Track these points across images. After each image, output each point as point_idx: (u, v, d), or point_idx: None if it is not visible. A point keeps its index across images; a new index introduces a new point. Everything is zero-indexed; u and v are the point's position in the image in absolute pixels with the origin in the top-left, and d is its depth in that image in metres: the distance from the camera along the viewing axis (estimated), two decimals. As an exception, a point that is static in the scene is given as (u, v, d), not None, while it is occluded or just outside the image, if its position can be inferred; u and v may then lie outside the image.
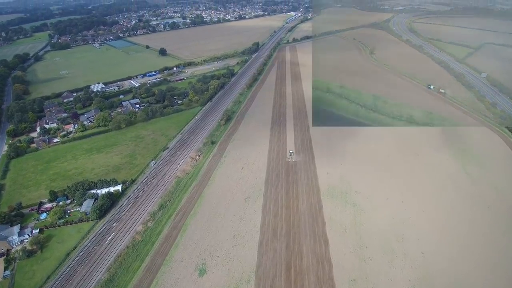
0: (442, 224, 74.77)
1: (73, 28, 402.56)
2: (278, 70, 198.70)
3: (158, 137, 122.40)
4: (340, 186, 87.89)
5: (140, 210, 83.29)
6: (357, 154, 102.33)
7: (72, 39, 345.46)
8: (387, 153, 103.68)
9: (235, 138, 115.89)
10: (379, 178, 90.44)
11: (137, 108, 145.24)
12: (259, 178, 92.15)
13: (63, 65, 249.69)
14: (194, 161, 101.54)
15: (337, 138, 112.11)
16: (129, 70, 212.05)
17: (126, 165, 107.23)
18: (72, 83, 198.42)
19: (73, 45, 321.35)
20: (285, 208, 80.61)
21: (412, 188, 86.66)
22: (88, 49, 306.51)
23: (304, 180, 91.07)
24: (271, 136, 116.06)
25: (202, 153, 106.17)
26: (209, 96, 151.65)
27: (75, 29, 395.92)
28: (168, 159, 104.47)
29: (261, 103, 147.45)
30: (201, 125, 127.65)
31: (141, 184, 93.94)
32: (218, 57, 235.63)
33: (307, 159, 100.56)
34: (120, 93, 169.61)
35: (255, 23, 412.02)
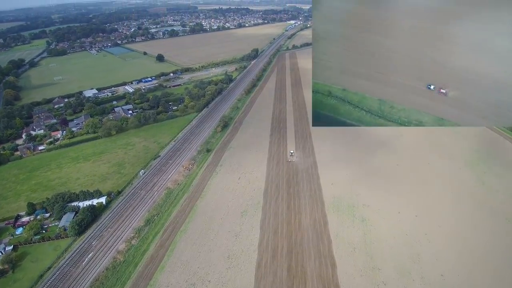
0: (461, 241, 66.35)
1: (72, 35, 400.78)
2: (278, 76, 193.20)
3: (150, 144, 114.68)
4: (347, 198, 79.68)
5: (124, 226, 74.69)
6: (364, 163, 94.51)
7: (70, 46, 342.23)
8: (396, 161, 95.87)
9: (232, 145, 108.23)
10: (388, 189, 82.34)
11: (129, 114, 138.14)
12: (258, 189, 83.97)
13: (58, 71, 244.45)
14: (186, 170, 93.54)
15: (341, 146, 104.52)
16: (125, 76, 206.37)
17: (114, 174, 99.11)
18: (65, 89, 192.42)
19: (70, 52, 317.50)
20: (286, 224, 72.16)
21: (425, 201, 78.47)
22: (85, 55, 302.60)
23: (307, 191, 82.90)
24: (271, 143, 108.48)
25: (196, 161, 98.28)
26: (206, 102, 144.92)
27: (74, 36, 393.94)
28: (158, 168, 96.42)
29: (260, 109, 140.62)
30: (196, 131, 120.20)
31: (128, 196, 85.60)
32: (216, 63, 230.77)
33: (310, 168, 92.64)
34: (114, 99, 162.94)
35: (255, 30, 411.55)
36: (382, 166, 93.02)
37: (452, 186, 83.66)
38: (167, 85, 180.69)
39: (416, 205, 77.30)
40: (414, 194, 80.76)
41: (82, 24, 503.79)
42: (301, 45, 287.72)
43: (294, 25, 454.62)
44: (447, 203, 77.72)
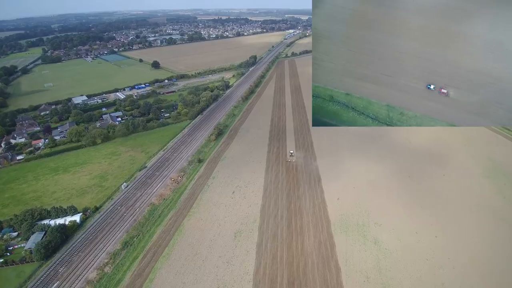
0: (488, 267, 56.25)
1: (69, 43, 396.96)
2: (277, 83, 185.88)
3: (137, 154, 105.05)
4: (356, 215, 69.68)
5: (98, 249, 64.18)
6: (372, 174, 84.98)
7: (65, 53, 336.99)
8: (407, 172, 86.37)
9: (227, 155, 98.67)
10: (402, 205, 72.53)
11: (117, 122, 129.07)
12: (254, 206, 73.95)
13: (50, 78, 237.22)
14: (174, 183, 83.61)
15: (346, 155, 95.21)
16: (118, 83, 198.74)
17: (94, 188, 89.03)
18: (54, 96, 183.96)
19: (65, 59, 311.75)
20: (286, 248, 61.88)
21: (444, 218, 68.57)
22: (79, 62, 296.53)
23: (310, 207, 72.92)
24: (269, 153, 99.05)
25: (185, 173, 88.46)
26: (200, 109, 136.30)
27: (70, 44, 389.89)
28: (143, 181, 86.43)
29: (258, 116, 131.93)
30: (188, 140, 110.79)
31: (106, 213, 75.32)
32: (213, 70, 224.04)
33: (313, 181, 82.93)
34: (103, 106, 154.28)
35: (253, 39, 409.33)
36: (392, 178, 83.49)
37: (471, 200, 74.06)
38: (160, 92, 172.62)
39: (434, 223, 67.45)
40: (431, 210, 70.98)
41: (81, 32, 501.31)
42: (300, 52, 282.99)
43: (293, 34, 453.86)
44: (467, 220, 67.92)
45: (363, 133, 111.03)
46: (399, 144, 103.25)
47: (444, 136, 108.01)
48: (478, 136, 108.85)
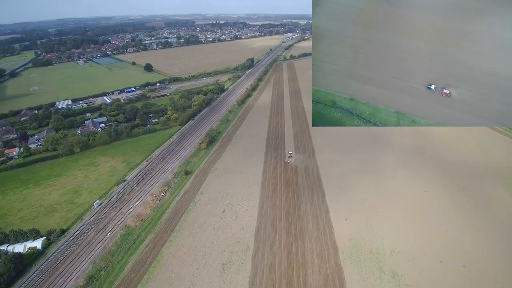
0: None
1: (62, 46, 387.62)
2: (275, 86, 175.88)
3: (117, 164, 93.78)
4: (368, 240, 58.57)
5: (57, 285, 52.57)
6: (384, 189, 74.14)
7: (58, 57, 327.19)
8: (423, 187, 75.53)
9: (218, 166, 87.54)
10: (420, 226, 61.56)
11: (100, 128, 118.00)
12: (247, 228, 62.70)
13: (38, 81, 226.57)
14: (156, 200, 72.30)
15: (353, 167, 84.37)
16: (107, 86, 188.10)
17: (65, 205, 77.54)
18: (39, 100, 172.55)
19: (56, 62, 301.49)
20: (285, 283, 50.56)
21: (470, 242, 57.64)
22: (71, 66, 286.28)
23: (314, 230, 61.73)
24: (266, 163, 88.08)
25: (170, 188, 77.19)
26: (191, 114, 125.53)
27: (64, 47, 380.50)
28: (120, 197, 74.97)
29: (254, 122, 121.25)
30: (176, 149, 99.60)
31: (72, 237, 63.78)
32: (208, 73, 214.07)
33: (316, 197, 71.88)
34: (88, 110, 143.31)
35: (251, 42, 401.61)
36: (407, 192, 72.63)
37: (497, 218, 63.29)
38: (150, 96, 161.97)
39: (460, 248, 56.53)
40: (455, 233, 60.05)
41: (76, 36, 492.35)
42: (299, 55, 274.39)
43: (291, 37, 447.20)
44: (497, 244, 57.08)
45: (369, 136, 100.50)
46: (410, 150, 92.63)
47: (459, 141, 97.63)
48: (495, 141, 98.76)
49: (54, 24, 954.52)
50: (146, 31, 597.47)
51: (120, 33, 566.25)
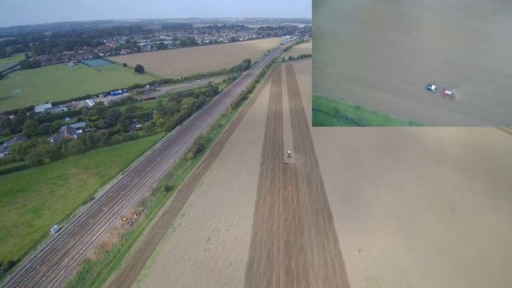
0: None
1: (54, 48, 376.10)
2: (273, 88, 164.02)
3: (89, 178, 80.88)
4: (390, 280, 45.86)
5: None
6: (401, 208, 61.69)
7: (48, 59, 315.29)
8: (449, 205, 63.13)
9: (205, 180, 74.81)
10: (454, 258, 49.01)
11: (77, 134, 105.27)
12: (237, 264, 49.90)
13: (23, 84, 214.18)
14: (127, 225, 59.41)
15: (365, 182, 71.92)
16: (93, 89, 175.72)
17: (22, 228, 64.50)
18: (19, 103, 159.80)
19: (45, 64, 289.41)
20: None
21: (508, 277, 45.33)
22: (60, 68, 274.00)
23: (320, 267, 48.97)
24: (262, 177, 75.48)
25: (145, 208, 64.35)
26: (180, 118, 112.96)
27: (56, 49, 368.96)
28: (84, 221, 61.94)
29: (250, 128, 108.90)
30: (158, 159, 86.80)
31: (20, 274, 50.71)
32: (203, 74, 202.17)
33: (321, 220, 59.28)
34: (67, 115, 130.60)
35: (249, 44, 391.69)
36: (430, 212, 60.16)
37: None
38: (138, 98, 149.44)
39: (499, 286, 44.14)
40: (489, 266, 47.56)
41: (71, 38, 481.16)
42: (298, 57, 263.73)
43: (289, 39, 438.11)
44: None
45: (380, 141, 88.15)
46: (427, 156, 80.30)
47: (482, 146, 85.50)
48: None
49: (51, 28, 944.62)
50: (143, 33, 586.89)
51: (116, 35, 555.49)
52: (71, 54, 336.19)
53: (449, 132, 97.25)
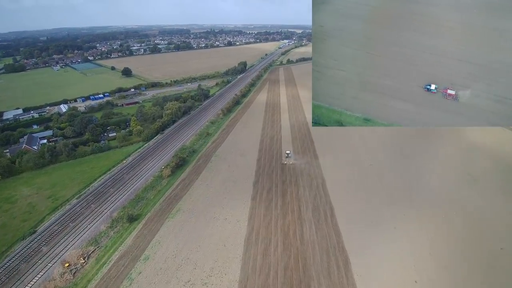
0: None
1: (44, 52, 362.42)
2: (269, 92, 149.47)
3: (40, 201, 64.58)
4: None
5: None
6: (437, 242, 46.09)
7: (35, 63, 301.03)
8: (498, 242, 47.51)
9: (182, 207, 58.81)
10: None
11: (37, 146, 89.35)
12: None
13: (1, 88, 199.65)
14: (69, 273, 43.16)
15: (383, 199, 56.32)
16: (74, 93, 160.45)
17: None
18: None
19: (30, 68, 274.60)
20: None
21: None
22: (44, 71, 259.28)
23: None
24: (255, 201, 59.68)
25: (98, 248, 48.23)
26: (160, 126, 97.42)
27: (45, 53, 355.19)
28: (14, 267, 45.67)
29: (242, 137, 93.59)
30: (127, 177, 70.74)
31: None
32: (194, 78, 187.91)
33: (336, 270, 43.43)
34: (36, 122, 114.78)
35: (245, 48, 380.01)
36: (472, 248, 44.59)
37: None
38: (119, 103, 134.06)
39: None
40: None
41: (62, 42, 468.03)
42: (296, 60, 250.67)
43: (287, 43, 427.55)
44: None
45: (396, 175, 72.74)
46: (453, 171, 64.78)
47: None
48: None
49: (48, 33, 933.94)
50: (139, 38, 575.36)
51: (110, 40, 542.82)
52: (59, 58, 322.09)
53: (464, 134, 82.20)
